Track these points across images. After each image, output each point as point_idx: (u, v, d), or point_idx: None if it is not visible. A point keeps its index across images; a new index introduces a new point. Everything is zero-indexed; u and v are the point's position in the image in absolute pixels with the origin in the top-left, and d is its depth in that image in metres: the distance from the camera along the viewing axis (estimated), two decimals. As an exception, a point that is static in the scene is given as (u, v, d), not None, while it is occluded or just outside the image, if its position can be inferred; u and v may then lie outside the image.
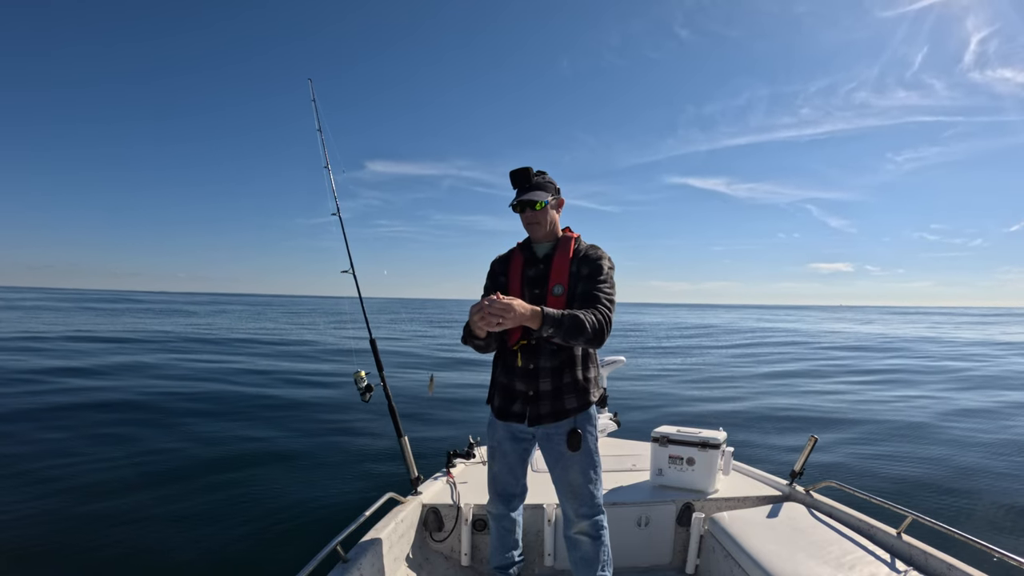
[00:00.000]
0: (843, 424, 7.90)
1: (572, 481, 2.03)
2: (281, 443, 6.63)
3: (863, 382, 12.03)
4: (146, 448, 6.26)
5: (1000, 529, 4.26)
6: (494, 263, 2.21)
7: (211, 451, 6.23)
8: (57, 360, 12.60)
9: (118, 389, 9.54)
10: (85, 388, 9.53)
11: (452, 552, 2.69)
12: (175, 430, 7.09)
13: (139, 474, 5.37)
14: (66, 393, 9.02)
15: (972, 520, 4.40)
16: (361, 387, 2.62)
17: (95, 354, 14.12)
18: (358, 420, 7.71)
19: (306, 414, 8.26)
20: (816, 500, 2.69)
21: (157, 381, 10.50)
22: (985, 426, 7.78)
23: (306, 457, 6.06)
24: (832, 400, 9.86)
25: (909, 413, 8.67)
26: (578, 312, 1.80)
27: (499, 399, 2.12)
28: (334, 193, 2.90)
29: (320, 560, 1.83)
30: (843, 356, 17.51)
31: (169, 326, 25.66)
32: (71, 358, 13.07)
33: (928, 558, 2.06)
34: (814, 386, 11.42)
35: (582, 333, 1.78)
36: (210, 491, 4.94)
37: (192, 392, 9.52)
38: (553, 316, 1.74)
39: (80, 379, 10.38)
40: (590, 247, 2.07)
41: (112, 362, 12.76)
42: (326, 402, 9.18)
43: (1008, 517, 4.47)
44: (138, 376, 10.97)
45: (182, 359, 13.81)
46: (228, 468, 5.61)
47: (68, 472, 5.30)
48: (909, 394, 10.52)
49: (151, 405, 8.45)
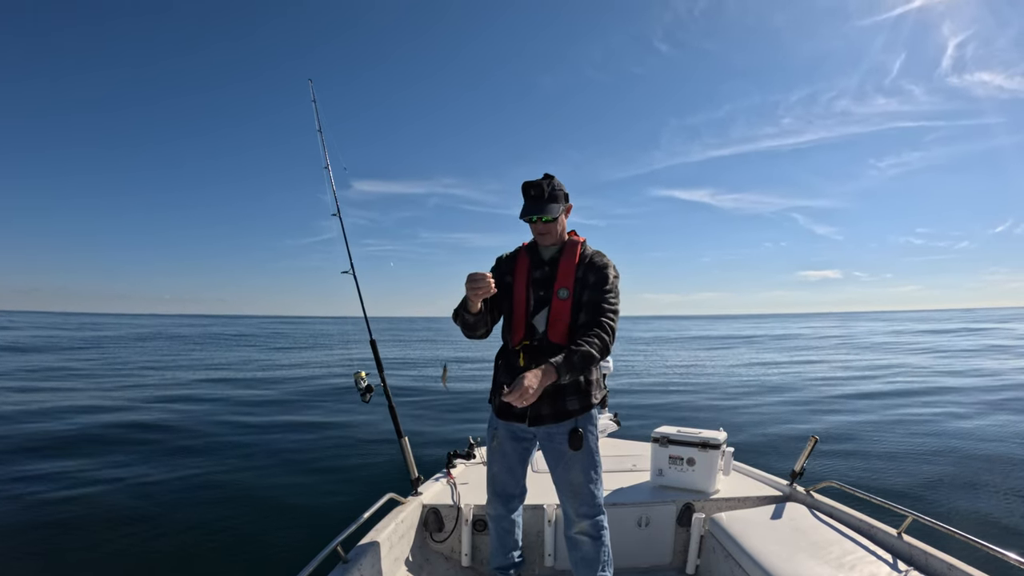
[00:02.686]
0: (843, 424, 7.90)
1: (573, 480, 2.03)
2: (281, 443, 6.62)
3: (870, 392, 12.03)
4: (146, 453, 6.26)
5: (1000, 529, 4.25)
6: (499, 260, 2.21)
7: (212, 450, 6.24)
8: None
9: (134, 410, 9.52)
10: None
11: (452, 552, 2.69)
12: (176, 436, 7.09)
13: (140, 474, 5.37)
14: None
15: (973, 520, 4.40)
16: (361, 387, 2.61)
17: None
18: (358, 420, 7.71)
19: (306, 413, 8.26)
20: (816, 500, 2.68)
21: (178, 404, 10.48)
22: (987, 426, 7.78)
23: (306, 458, 6.06)
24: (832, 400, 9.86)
25: (921, 417, 8.66)
26: (583, 345, 1.84)
27: (500, 398, 2.13)
28: (334, 193, 2.90)
29: (320, 560, 1.83)
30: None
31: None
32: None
33: (929, 558, 2.05)
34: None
35: (593, 361, 1.86)
36: (210, 491, 4.94)
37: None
38: (564, 366, 1.80)
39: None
40: (596, 253, 2.08)
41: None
42: (326, 401, 9.17)
43: (1008, 517, 4.46)
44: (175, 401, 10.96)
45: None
46: (228, 468, 5.61)
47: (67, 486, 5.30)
48: (919, 399, 10.52)
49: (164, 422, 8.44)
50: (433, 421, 7.81)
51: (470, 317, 1.96)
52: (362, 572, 2.01)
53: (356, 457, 6.08)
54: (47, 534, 4.03)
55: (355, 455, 6.16)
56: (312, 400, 9.48)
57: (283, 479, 5.31)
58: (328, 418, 8.00)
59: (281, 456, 6.09)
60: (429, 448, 5.94)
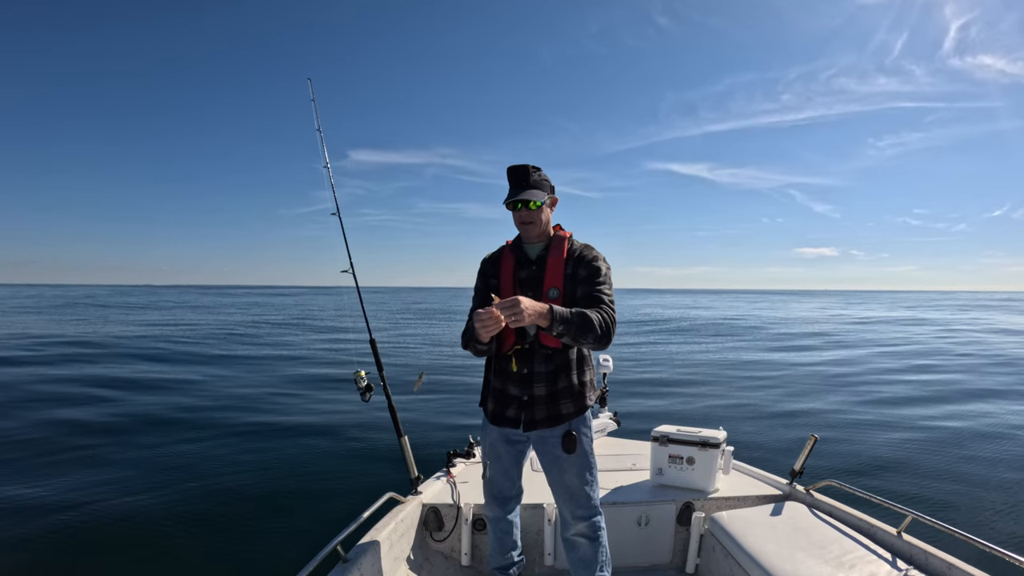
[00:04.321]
0: (844, 424, 7.90)
1: (568, 483, 2.01)
2: (280, 444, 6.62)
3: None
4: (145, 454, 6.26)
5: (1001, 528, 4.25)
6: (484, 263, 2.16)
7: (210, 449, 6.23)
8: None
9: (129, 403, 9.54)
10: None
11: (452, 552, 2.69)
12: (169, 433, 7.09)
13: (140, 476, 5.37)
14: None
15: (973, 519, 4.40)
16: (361, 387, 2.60)
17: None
18: (358, 420, 7.71)
19: (306, 414, 8.26)
20: (816, 499, 2.68)
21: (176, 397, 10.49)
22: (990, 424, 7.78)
23: (306, 457, 6.06)
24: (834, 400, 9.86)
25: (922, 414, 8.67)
26: (585, 310, 1.78)
27: (493, 403, 2.09)
28: (334, 193, 2.89)
29: (320, 560, 1.83)
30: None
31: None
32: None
33: (929, 557, 2.05)
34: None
35: (591, 331, 1.75)
36: (209, 491, 4.94)
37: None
38: (562, 313, 1.72)
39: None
40: (584, 247, 2.02)
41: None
42: (326, 402, 9.17)
43: (1009, 516, 4.46)
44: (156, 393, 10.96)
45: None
46: (227, 469, 5.61)
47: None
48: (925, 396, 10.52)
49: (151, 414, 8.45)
50: (433, 421, 7.81)
51: (482, 347, 1.93)
52: (362, 571, 2.01)
53: (355, 456, 6.09)
54: (47, 537, 4.03)
55: (355, 454, 6.16)
56: (311, 398, 9.48)
57: (282, 478, 5.31)
58: (328, 417, 7.99)
59: (280, 455, 6.09)
60: (429, 447, 5.94)
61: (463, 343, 2.00)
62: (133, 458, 5.90)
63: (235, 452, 6.19)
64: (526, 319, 1.63)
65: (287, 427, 7.41)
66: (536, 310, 1.67)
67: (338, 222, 2.85)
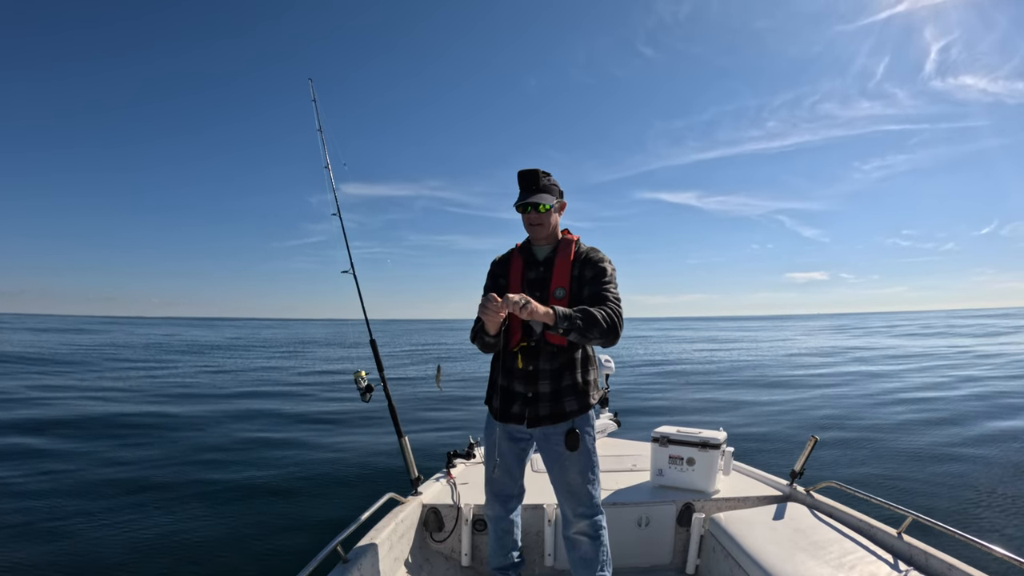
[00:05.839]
0: (843, 423, 7.90)
1: (570, 481, 2.03)
2: (280, 443, 6.62)
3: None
4: (145, 454, 6.26)
5: (1001, 529, 4.25)
6: (494, 264, 2.22)
7: (210, 452, 6.23)
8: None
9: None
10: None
11: (452, 552, 2.68)
12: (174, 434, 7.09)
13: (141, 476, 5.37)
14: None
15: (973, 520, 4.39)
16: (361, 387, 2.60)
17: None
18: (358, 420, 7.71)
19: (306, 414, 8.26)
20: (816, 500, 2.68)
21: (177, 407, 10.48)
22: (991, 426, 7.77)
23: (306, 458, 6.06)
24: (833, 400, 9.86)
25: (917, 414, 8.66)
26: (589, 307, 1.84)
27: (498, 400, 2.12)
28: (335, 194, 2.89)
29: (320, 560, 1.83)
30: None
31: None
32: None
33: (929, 558, 2.05)
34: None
35: (596, 325, 1.80)
36: (209, 491, 4.94)
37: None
38: (566, 311, 1.78)
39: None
40: (590, 249, 2.07)
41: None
42: (325, 402, 9.17)
43: (1009, 517, 4.46)
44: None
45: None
46: (227, 468, 5.61)
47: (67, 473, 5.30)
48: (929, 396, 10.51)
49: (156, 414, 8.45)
50: (433, 421, 7.81)
51: (490, 339, 1.99)
52: (362, 572, 2.01)
53: (356, 457, 6.08)
54: (46, 534, 4.03)
55: (355, 455, 6.16)
56: (311, 399, 9.48)
57: (283, 479, 5.31)
58: (327, 417, 8.00)
59: (280, 456, 6.09)
60: (429, 448, 5.94)
61: (471, 336, 2.07)
62: (135, 458, 5.90)
63: (234, 452, 6.19)
64: (527, 311, 1.72)
65: (287, 427, 7.41)
66: (541, 310, 1.75)
67: (338, 222, 2.86)
